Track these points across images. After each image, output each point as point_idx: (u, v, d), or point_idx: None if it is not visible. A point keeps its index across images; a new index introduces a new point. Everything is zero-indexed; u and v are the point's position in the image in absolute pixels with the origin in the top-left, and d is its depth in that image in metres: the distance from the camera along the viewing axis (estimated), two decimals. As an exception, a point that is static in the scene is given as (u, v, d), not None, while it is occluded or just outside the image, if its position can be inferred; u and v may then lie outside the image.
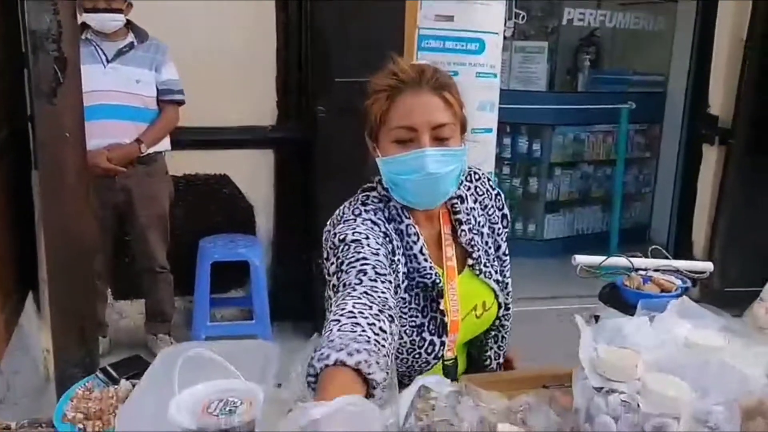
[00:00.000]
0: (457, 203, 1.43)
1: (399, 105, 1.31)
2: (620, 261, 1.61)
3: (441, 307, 1.36)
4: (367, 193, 1.41)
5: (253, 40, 3.58)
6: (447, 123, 1.31)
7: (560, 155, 5.19)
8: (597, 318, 1.60)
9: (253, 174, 3.74)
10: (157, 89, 3.16)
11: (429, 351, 1.37)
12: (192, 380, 1.10)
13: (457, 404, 1.27)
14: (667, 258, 1.69)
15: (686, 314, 1.36)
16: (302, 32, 3.56)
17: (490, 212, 1.50)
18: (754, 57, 3.88)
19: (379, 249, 1.26)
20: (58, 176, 2.05)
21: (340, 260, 1.24)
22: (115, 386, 1.34)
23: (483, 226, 1.47)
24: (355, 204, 1.38)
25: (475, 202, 1.48)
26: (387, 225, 1.35)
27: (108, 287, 3.50)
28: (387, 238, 1.33)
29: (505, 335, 1.53)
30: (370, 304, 1.08)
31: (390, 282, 1.20)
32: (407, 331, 1.35)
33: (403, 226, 1.36)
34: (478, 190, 1.49)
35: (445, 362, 1.40)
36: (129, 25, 3.13)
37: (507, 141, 5.12)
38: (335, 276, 1.23)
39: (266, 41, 3.61)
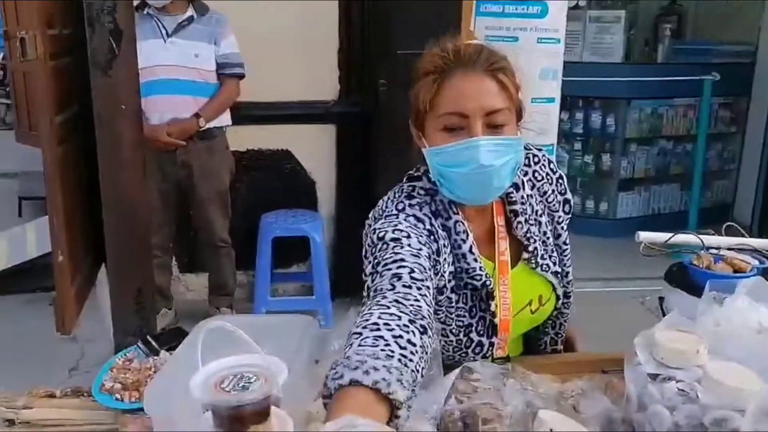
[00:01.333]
0: (512, 192, 1.30)
1: (448, 89, 1.19)
2: (689, 238, 1.48)
3: (491, 309, 1.27)
4: (413, 183, 1.29)
5: (314, 13, 3.54)
6: (502, 108, 1.18)
7: (636, 130, 4.94)
8: (662, 300, 1.49)
9: (315, 149, 3.73)
10: (217, 63, 3.15)
11: (477, 351, 1.30)
12: (222, 355, 1.07)
13: (502, 387, 1.19)
14: (743, 236, 1.54)
15: (761, 297, 1.24)
16: (364, 5, 3.50)
17: (549, 199, 1.37)
18: None
19: (420, 249, 1.15)
20: (114, 147, 2.08)
21: (377, 260, 1.14)
22: (155, 357, 1.33)
23: (541, 215, 1.35)
24: (399, 196, 1.27)
25: (532, 188, 1.35)
26: (433, 221, 1.24)
27: (172, 260, 3.56)
28: (432, 237, 1.22)
29: (564, 322, 1.44)
30: (400, 314, 0.98)
31: (428, 288, 1.09)
32: (453, 331, 1.28)
33: (450, 223, 1.25)
34: (536, 175, 1.36)
35: (495, 361, 1.30)
36: None
37: (579, 116, 4.92)
38: (370, 277, 1.13)
39: (327, 15, 3.56)
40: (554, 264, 1.36)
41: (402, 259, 1.11)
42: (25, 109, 4.94)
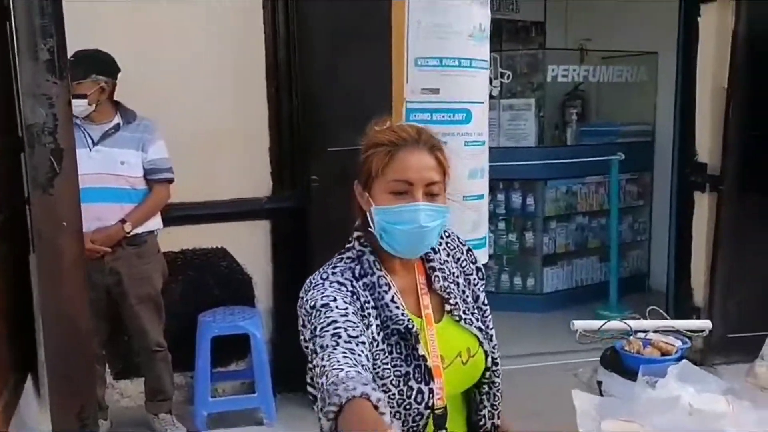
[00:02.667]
0: (430, 253, 1.50)
1: (399, 160, 1.40)
2: (618, 325, 1.60)
3: (421, 353, 1.39)
4: (341, 255, 1.49)
5: (245, 113, 3.65)
6: (437, 181, 1.41)
7: (554, 208, 5.25)
8: (600, 384, 1.60)
9: (250, 246, 3.76)
10: (144, 169, 3.18)
11: (419, 400, 1.38)
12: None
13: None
14: (665, 318, 1.69)
15: (688, 378, 1.36)
16: (293, 103, 3.64)
17: (463, 264, 1.57)
18: (737, 104, 3.95)
19: (347, 308, 1.33)
20: (55, 263, 2.06)
21: (313, 326, 1.31)
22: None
23: (458, 277, 1.54)
24: (325, 269, 1.45)
25: (447, 255, 1.55)
26: (355, 283, 1.42)
27: (105, 368, 3.46)
28: (354, 296, 1.39)
29: (497, 393, 1.54)
30: (354, 363, 1.19)
31: (363, 343, 1.27)
32: (393, 382, 1.37)
33: (374, 278, 1.43)
34: (449, 245, 1.58)
35: (435, 411, 1.40)
36: (117, 106, 3.18)
37: (501, 197, 5.18)
38: (311, 342, 1.30)
39: (258, 114, 3.68)
40: (477, 320, 1.51)
41: (335, 321, 1.29)
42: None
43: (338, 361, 1.18)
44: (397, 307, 1.40)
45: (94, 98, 3.09)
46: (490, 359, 1.49)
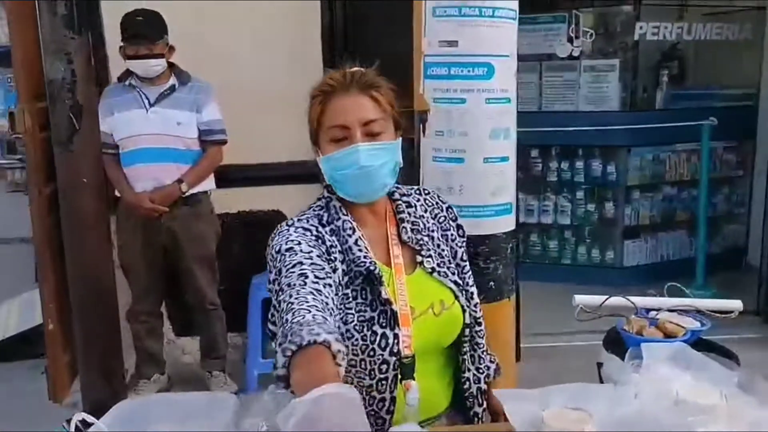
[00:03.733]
0: (402, 205, 1.49)
1: (331, 107, 1.40)
2: (621, 301, 1.43)
3: (385, 297, 1.35)
4: (311, 204, 1.49)
5: (301, 76, 3.57)
6: (377, 119, 1.39)
7: (638, 177, 4.91)
8: (600, 366, 1.44)
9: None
10: (199, 130, 3.19)
11: (382, 345, 1.34)
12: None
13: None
14: (686, 296, 1.49)
15: (685, 364, 1.19)
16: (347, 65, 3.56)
17: (441, 221, 1.54)
18: None
19: (311, 251, 1.33)
20: (77, 219, 2.10)
21: (278, 268, 1.31)
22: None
23: (434, 232, 1.51)
24: (292, 217, 1.46)
25: (425, 211, 1.53)
26: (321, 229, 1.41)
27: (162, 325, 3.56)
28: (319, 240, 1.38)
29: (482, 355, 1.49)
30: (322, 308, 1.20)
31: (330, 286, 1.28)
32: (357, 327, 1.35)
33: (339, 223, 1.41)
34: (428, 201, 1.56)
35: (403, 360, 1.35)
36: (171, 68, 3.20)
37: (579, 164, 4.90)
38: (275, 282, 1.31)
39: (314, 78, 3.60)
40: (453, 274, 1.47)
41: (300, 263, 1.30)
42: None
43: (307, 302, 1.20)
44: (360, 250, 1.39)
45: (168, 57, 3.14)
46: (468, 316, 1.44)
